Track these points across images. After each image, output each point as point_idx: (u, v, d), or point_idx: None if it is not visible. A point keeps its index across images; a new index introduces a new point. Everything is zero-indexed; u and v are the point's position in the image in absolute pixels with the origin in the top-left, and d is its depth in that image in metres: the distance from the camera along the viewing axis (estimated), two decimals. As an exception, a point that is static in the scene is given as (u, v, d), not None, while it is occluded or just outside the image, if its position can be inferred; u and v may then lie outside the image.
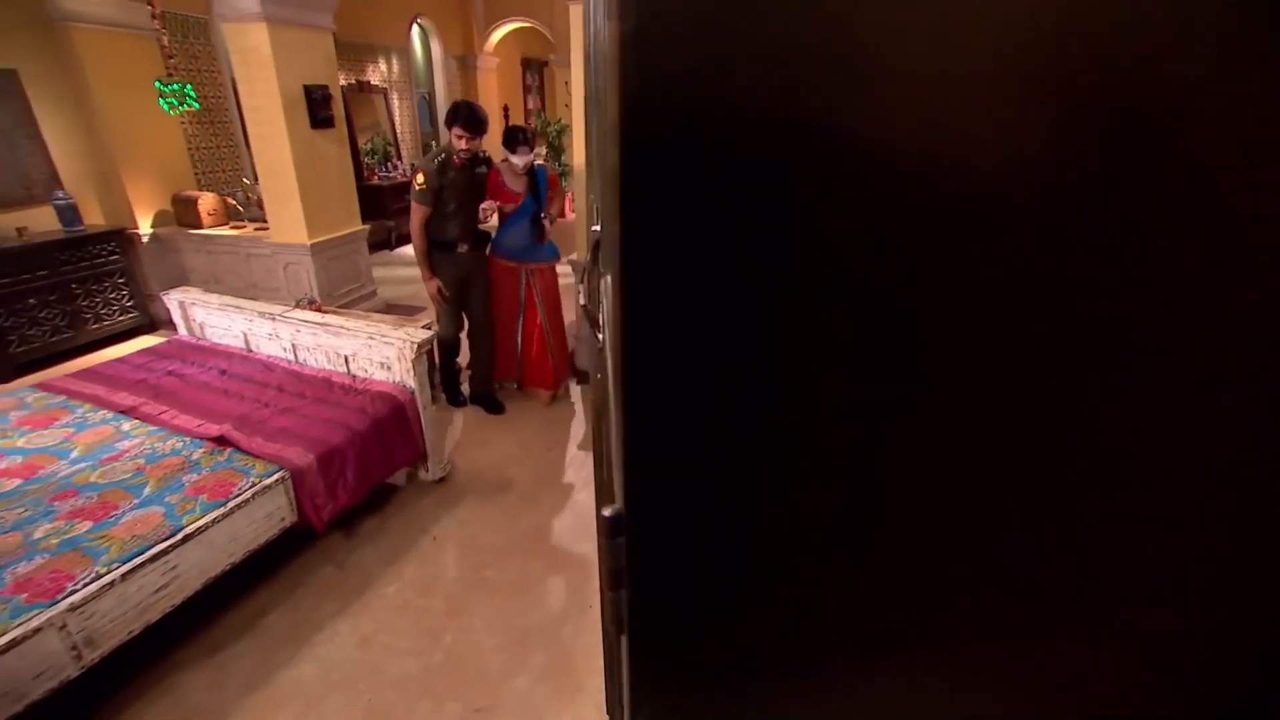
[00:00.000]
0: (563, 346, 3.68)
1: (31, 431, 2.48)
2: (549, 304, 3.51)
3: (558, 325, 3.60)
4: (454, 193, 3.07)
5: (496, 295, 3.43)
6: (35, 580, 1.70)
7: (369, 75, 7.35)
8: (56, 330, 4.25)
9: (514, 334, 3.54)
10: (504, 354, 3.60)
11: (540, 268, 3.45)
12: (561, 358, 3.67)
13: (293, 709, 1.89)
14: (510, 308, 3.48)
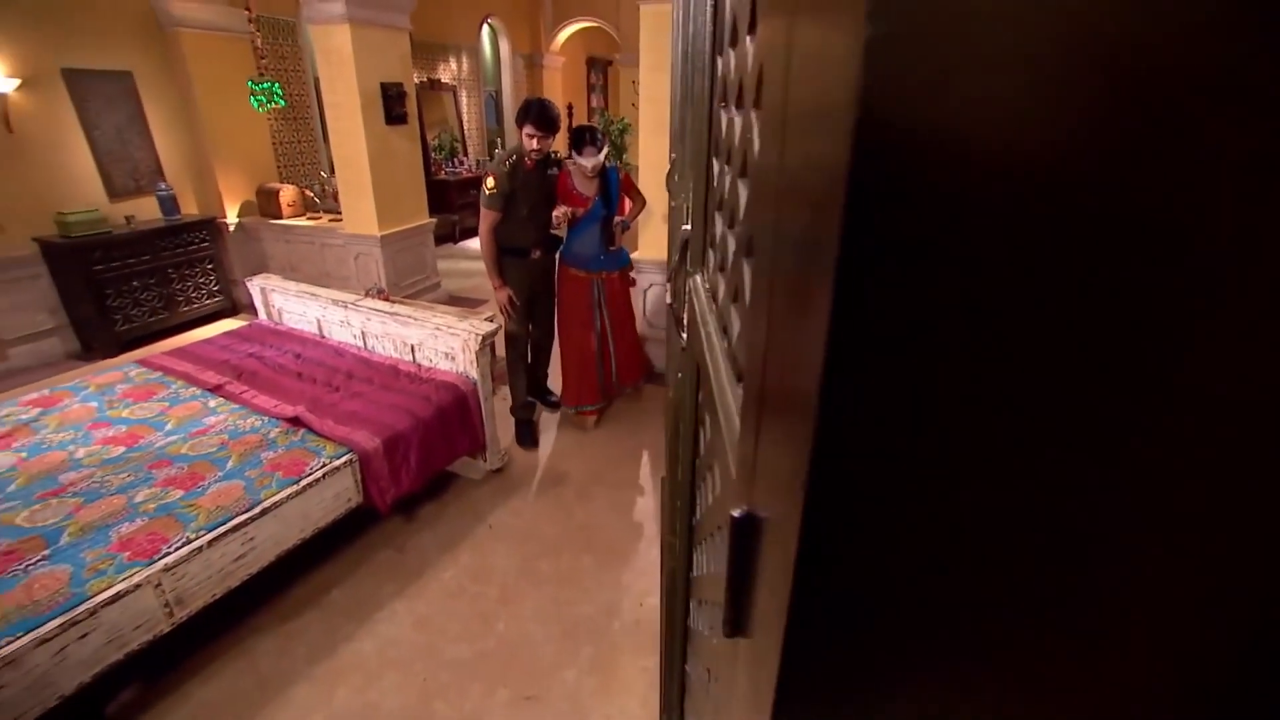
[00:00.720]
0: (632, 357, 3.44)
1: (134, 404, 2.67)
2: (616, 313, 3.27)
3: (627, 334, 3.38)
4: (526, 196, 2.88)
5: (566, 307, 3.21)
6: (135, 540, 1.83)
7: (440, 73, 7.57)
8: (154, 311, 4.57)
9: (590, 352, 3.24)
10: (576, 378, 3.30)
11: (611, 276, 3.23)
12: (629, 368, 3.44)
13: (353, 682, 1.97)
14: (584, 321, 3.20)
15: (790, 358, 0.22)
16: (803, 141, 0.21)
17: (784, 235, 0.24)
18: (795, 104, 0.22)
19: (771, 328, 0.26)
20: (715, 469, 0.64)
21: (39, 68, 4.02)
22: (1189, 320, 0.17)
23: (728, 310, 0.55)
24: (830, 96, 0.18)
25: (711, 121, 0.69)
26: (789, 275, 0.23)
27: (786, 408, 0.23)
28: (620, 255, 3.26)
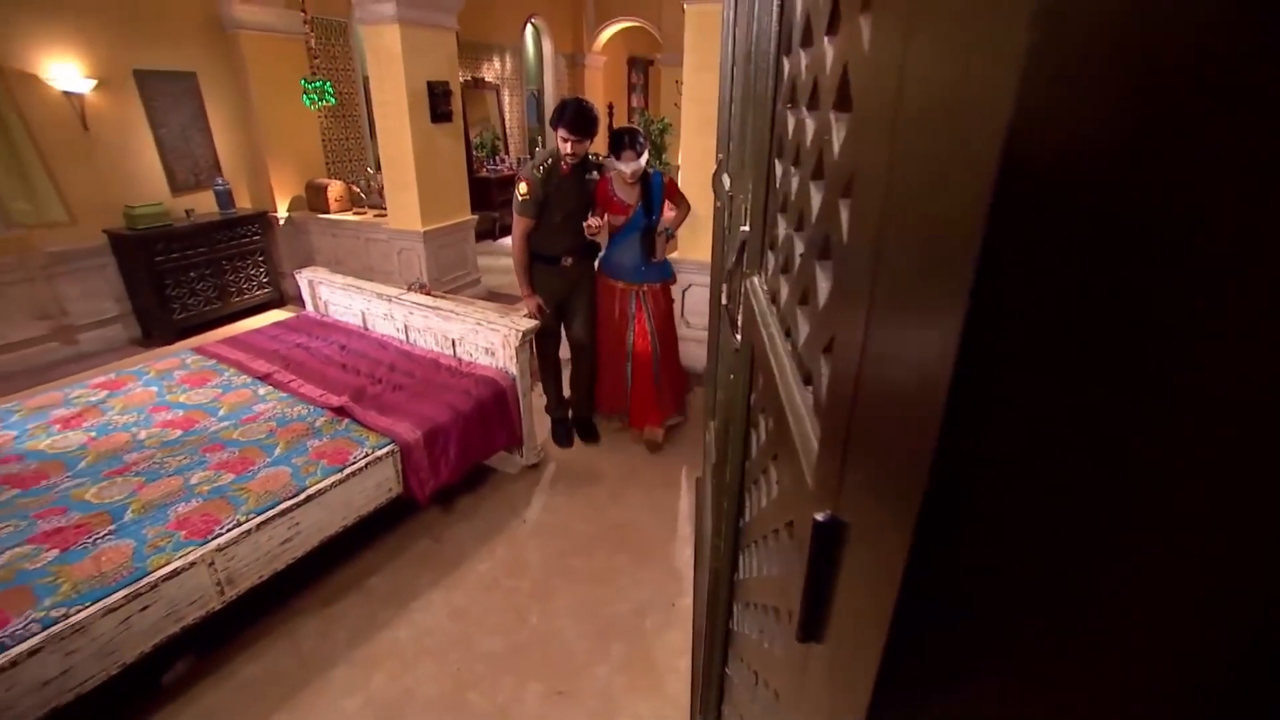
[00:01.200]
0: (674, 376, 3.23)
1: (190, 389, 2.78)
2: (661, 330, 3.08)
3: (670, 353, 3.16)
4: (561, 202, 2.74)
5: (602, 317, 3.07)
6: (191, 520, 1.91)
7: (484, 72, 7.68)
8: (209, 300, 4.75)
9: (622, 364, 3.11)
10: (609, 386, 3.20)
11: (653, 289, 3.03)
12: (673, 389, 3.23)
13: (390, 667, 2.02)
14: (617, 333, 3.07)
15: (902, 366, 0.22)
16: (925, 144, 0.21)
17: (893, 239, 0.24)
18: (914, 106, 0.22)
19: (872, 334, 0.26)
20: (772, 471, 0.64)
21: (113, 69, 4.22)
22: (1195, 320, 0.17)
23: (793, 313, 0.55)
24: (970, 99, 0.17)
25: (774, 123, 0.69)
26: (899, 281, 0.23)
27: (894, 415, 0.23)
28: (663, 267, 3.05)
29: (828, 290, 0.45)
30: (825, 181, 0.43)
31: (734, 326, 0.79)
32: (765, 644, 0.64)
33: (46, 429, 2.44)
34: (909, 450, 0.20)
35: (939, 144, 0.20)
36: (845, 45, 0.38)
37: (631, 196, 2.87)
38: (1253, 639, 0.19)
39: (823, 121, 0.44)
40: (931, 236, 0.20)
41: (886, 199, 0.25)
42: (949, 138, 0.19)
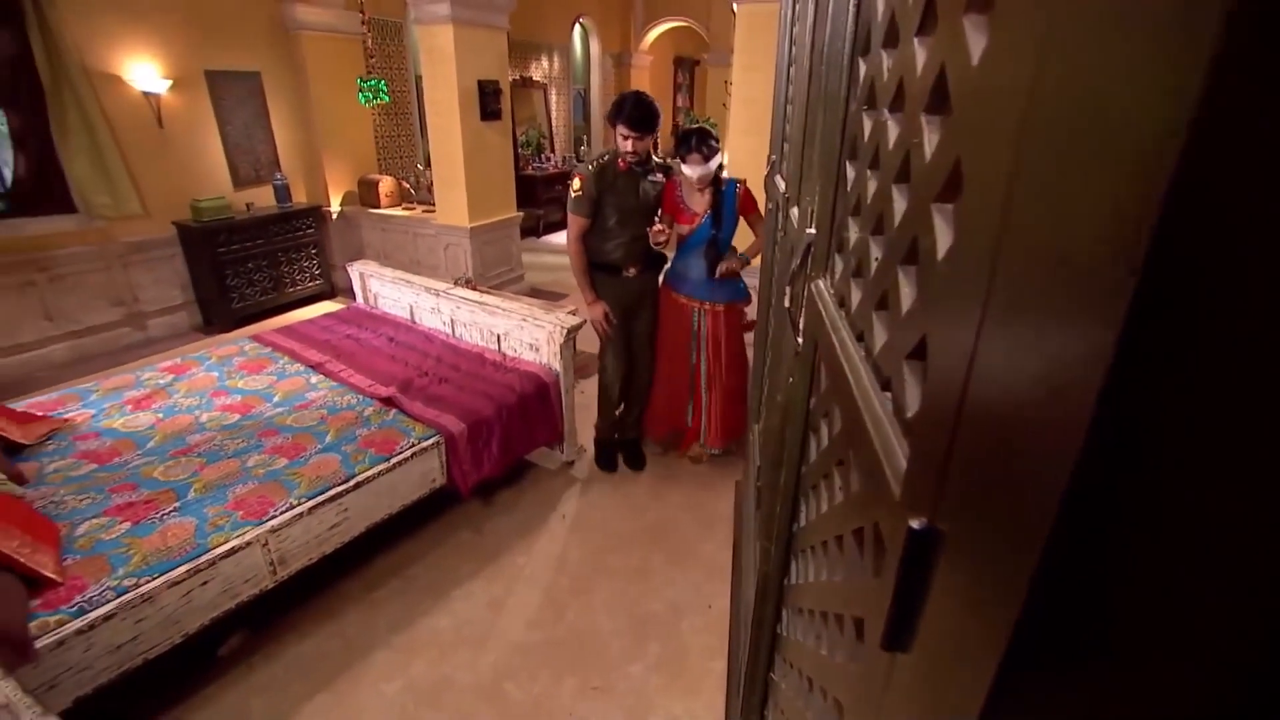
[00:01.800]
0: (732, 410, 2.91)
1: (248, 375, 2.90)
2: (727, 354, 2.78)
3: (735, 379, 2.84)
4: (616, 203, 2.53)
5: (663, 332, 2.82)
6: (248, 501, 1.99)
7: (532, 71, 7.78)
8: (264, 290, 4.94)
9: (680, 385, 2.87)
10: (661, 408, 2.95)
11: (717, 309, 2.73)
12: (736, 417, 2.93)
13: (429, 655, 2.06)
14: (677, 351, 2.82)
15: (1031, 375, 0.21)
16: (1069, 148, 0.20)
17: (1018, 244, 0.23)
18: (1051, 109, 0.21)
19: (987, 341, 0.25)
20: (836, 477, 0.63)
21: (187, 70, 4.44)
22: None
23: (867, 317, 0.54)
24: (1138, 101, 0.17)
25: (845, 124, 0.68)
26: (1027, 287, 0.22)
27: (1020, 426, 0.22)
28: (734, 287, 2.75)
29: (912, 295, 0.44)
30: (912, 185, 0.42)
31: (796, 329, 0.78)
32: (823, 651, 0.63)
33: (120, 409, 2.58)
34: (1041, 462, 0.20)
35: (1089, 147, 0.19)
36: (942, 46, 0.37)
37: (700, 205, 2.61)
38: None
39: (910, 124, 0.43)
40: (1080, 242, 0.19)
41: (1008, 203, 0.24)
42: (1106, 141, 0.18)
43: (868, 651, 0.45)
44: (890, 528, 0.37)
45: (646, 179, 2.59)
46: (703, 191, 2.58)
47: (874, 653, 0.41)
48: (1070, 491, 0.19)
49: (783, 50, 1.92)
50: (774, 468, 0.92)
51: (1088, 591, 0.20)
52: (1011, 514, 0.22)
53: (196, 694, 1.89)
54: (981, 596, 0.24)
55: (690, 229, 2.63)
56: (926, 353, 0.38)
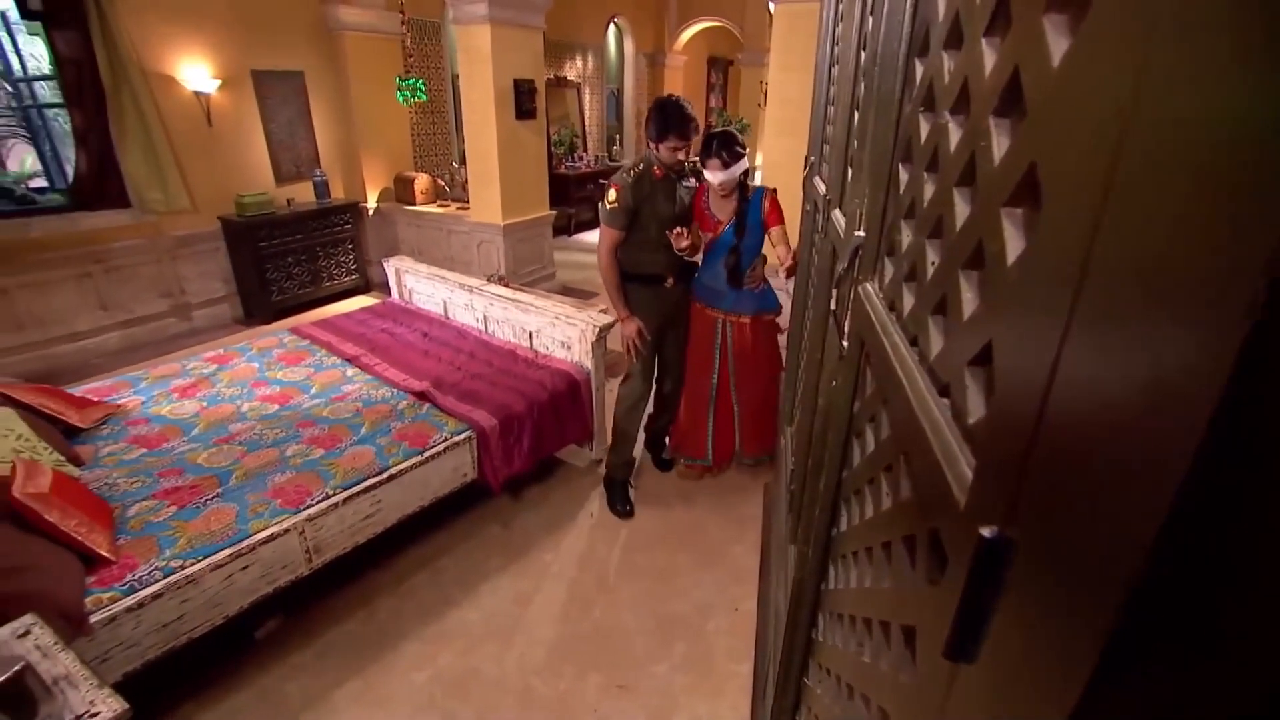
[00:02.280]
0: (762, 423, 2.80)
1: (286, 367, 2.98)
2: (744, 367, 2.66)
3: (757, 395, 2.72)
4: (655, 212, 2.41)
5: (690, 343, 2.71)
6: (285, 490, 2.04)
7: (566, 71, 7.83)
8: (302, 284, 5.06)
9: (704, 404, 2.74)
10: (686, 425, 2.83)
11: (739, 321, 2.61)
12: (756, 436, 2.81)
13: (457, 646, 2.09)
14: (701, 363, 2.70)
15: (1136, 385, 0.21)
16: (1188, 153, 0.20)
17: (1116, 251, 0.23)
18: (1158, 111, 0.21)
19: (1074, 348, 0.25)
20: (883, 483, 0.62)
21: (235, 70, 4.58)
22: None
23: (922, 321, 0.54)
24: (1256, 113, 0.16)
25: (898, 126, 0.67)
26: (1126, 297, 0.22)
27: (1117, 435, 0.22)
28: (762, 297, 2.62)
29: (975, 300, 0.43)
30: (978, 189, 0.42)
31: (841, 332, 0.77)
32: (866, 658, 0.62)
33: (168, 396, 2.67)
34: (1147, 468, 0.20)
35: (1206, 154, 0.19)
36: (1017, 47, 0.36)
37: (724, 212, 2.48)
38: None
39: (976, 127, 0.43)
40: (1195, 252, 0.19)
41: (1101, 210, 0.24)
42: (1227, 149, 0.18)
43: (923, 660, 0.44)
44: (954, 536, 0.36)
45: (682, 184, 2.49)
46: (728, 198, 2.46)
47: (931, 662, 0.40)
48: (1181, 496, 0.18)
49: (824, 51, 1.90)
50: (813, 471, 0.91)
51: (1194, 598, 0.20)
52: (1109, 522, 0.22)
53: (234, 674, 1.95)
54: (1069, 606, 0.23)
55: (713, 236, 2.51)
56: (992, 358, 0.37)
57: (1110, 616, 0.21)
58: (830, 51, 1.78)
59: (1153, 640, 0.20)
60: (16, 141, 4.35)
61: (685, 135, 2.32)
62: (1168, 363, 0.19)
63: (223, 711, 1.85)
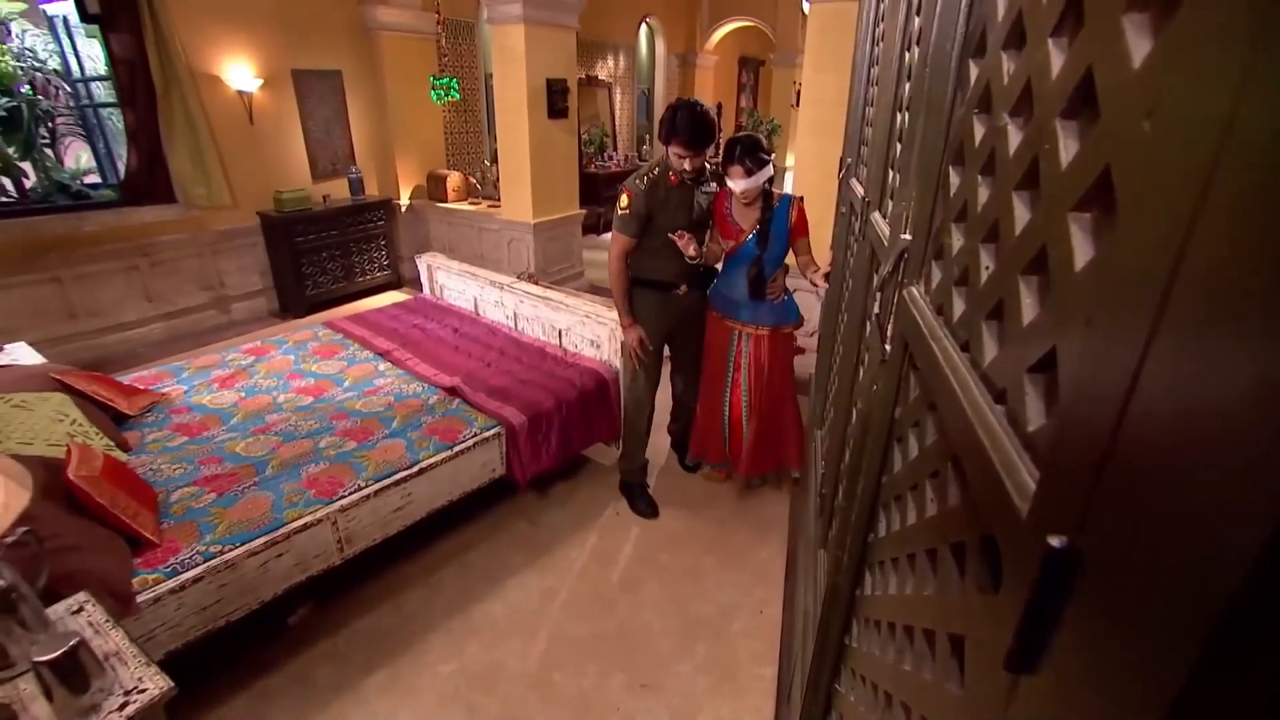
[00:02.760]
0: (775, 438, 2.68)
1: (321, 360, 3.04)
2: (760, 382, 2.54)
3: (774, 411, 2.61)
4: (668, 219, 2.34)
5: (706, 352, 2.64)
6: (319, 481, 2.08)
7: (597, 70, 7.87)
8: (336, 279, 5.17)
9: (717, 416, 2.67)
10: (703, 433, 2.78)
11: (759, 334, 2.51)
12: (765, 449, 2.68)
13: (482, 640, 2.11)
14: (716, 373, 2.63)
15: (1238, 396, 0.20)
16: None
17: (1214, 261, 0.22)
18: (1266, 121, 0.20)
19: (1161, 356, 0.24)
20: (927, 489, 0.62)
21: (276, 69, 4.70)
22: None
23: (974, 327, 0.53)
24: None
25: (949, 128, 0.66)
26: (1227, 306, 0.21)
27: (1214, 444, 0.21)
28: (782, 309, 2.51)
29: (1035, 306, 0.43)
30: (1043, 193, 0.41)
31: (884, 336, 0.77)
32: (907, 666, 0.61)
33: (208, 386, 2.75)
34: (1247, 485, 0.19)
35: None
36: (1090, 48, 0.35)
37: (747, 220, 2.37)
38: None
39: (1041, 129, 0.42)
40: None
41: (1194, 216, 0.23)
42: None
43: (974, 671, 0.44)
44: (1014, 545, 0.35)
45: (700, 190, 2.40)
46: (751, 205, 2.34)
47: (984, 672, 0.40)
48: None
49: (863, 51, 1.87)
50: (849, 476, 0.90)
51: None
52: (1202, 533, 0.21)
53: (266, 658, 2.00)
54: (1153, 619, 0.23)
55: (735, 245, 2.40)
56: (1056, 365, 0.37)
57: (1204, 631, 0.20)
58: (870, 51, 1.76)
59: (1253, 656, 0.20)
60: (73, 139, 4.52)
61: (691, 144, 2.22)
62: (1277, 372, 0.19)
63: (254, 693, 1.90)
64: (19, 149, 3.93)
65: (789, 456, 2.71)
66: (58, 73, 4.20)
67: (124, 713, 1.00)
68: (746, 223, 2.37)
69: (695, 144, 2.22)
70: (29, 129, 3.93)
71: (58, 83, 4.21)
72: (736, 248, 2.40)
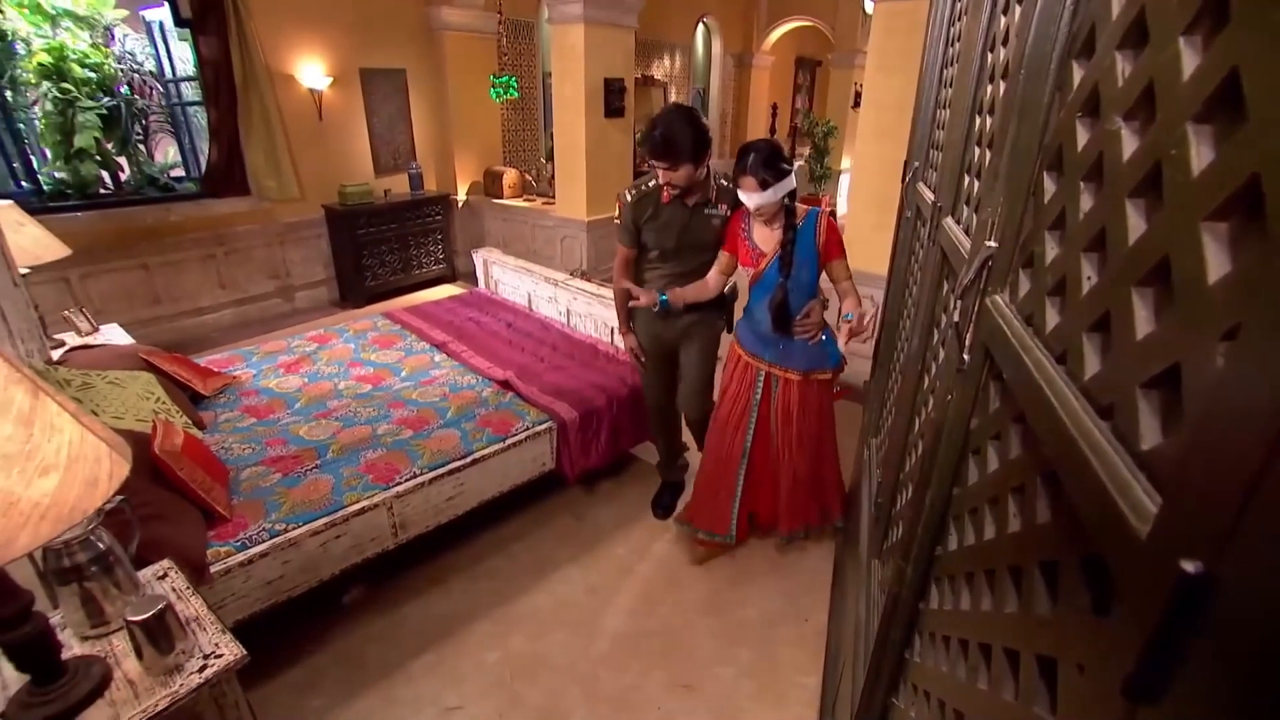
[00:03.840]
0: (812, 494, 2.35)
1: (379, 350, 3.15)
2: (790, 433, 2.19)
3: (806, 465, 2.25)
4: (658, 237, 2.19)
5: (723, 390, 2.29)
6: (377, 466, 2.16)
7: (653, 70, 7.88)
8: (394, 271, 5.34)
9: (731, 468, 2.28)
10: (705, 495, 2.36)
11: (786, 378, 2.14)
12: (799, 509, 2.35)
13: (526, 631, 2.15)
14: (734, 418, 2.24)
15: None
16: None
17: None
18: None
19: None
20: (1011, 503, 0.60)
21: (344, 68, 4.89)
22: None
23: (1073, 338, 0.51)
24: None
25: (1044, 132, 0.64)
26: None
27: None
28: (819, 350, 2.11)
29: (1149, 319, 0.41)
30: (1168, 201, 0.39)
31: (961, 345, 0.74)
32: (982, 685, 0.60)
33: (275, 370, 2.88)
34: None
35: None
36: (1237, 47, 0.34)
37: (769, 242, 2.01)
38: None
39: (1166, 133, 0.40)
40: None
41: None
42: None
43: (1075, 696, 0.42)
44: (1131, 567, 0.34)
45: (704, 211, 2.15)
46: (771, 224, 1.99)
47: (1089, 698, 0.38)
48: None
49: (935, 51, 1.82)
50: (918, 486, 0.88)
51: None
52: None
53: (319, 635, 2.08)
54: None
55: (756, 272, 2.05)
56: (1181, 382, 0.35)
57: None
58: (943, 52, 1.71)
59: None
60: (163, 135, 4.82)
61: (656, 153, 1.98)
62: None
63: (308, 667, 1.98)
64: (117, 145, 4.22)
65: (831, 504, 2.41)
66: (152, 74, 4.48)
67: (203, 674, 1.06)
68: (768, 245, 2.01)
69: (663, 155, 1.97)
70: (126, 126, 4.20)
71: (152, 83, 4.50)
72: (759, 275, 2.04)
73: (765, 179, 1.87)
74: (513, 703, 1.90)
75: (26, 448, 0.74)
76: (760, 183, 1.87)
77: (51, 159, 4.04)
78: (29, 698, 0.97)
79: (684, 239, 2.18)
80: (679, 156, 1.97)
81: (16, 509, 0.72)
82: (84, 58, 3.95)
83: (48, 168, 4.07)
